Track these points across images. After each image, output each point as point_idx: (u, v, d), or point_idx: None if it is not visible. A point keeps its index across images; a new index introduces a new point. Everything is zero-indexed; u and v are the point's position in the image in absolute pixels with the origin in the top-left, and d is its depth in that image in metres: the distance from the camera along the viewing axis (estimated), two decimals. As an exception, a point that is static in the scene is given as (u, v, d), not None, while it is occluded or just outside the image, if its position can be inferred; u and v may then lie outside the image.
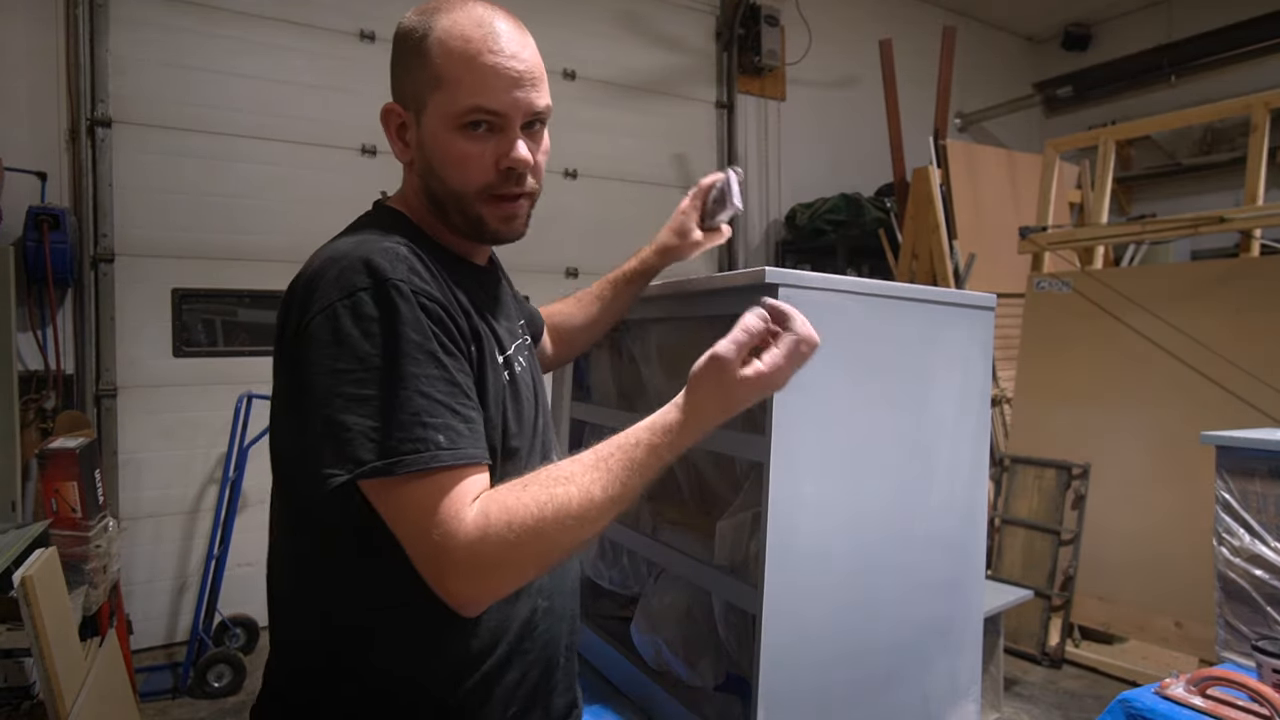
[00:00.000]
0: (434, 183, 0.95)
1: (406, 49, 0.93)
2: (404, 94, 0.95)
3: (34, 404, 3.43)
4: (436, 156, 0.93)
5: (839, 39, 6.12)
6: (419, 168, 0.96)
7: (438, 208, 0.97)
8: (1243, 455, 1.92)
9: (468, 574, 0.77)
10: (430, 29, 0.91)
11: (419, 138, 0.94)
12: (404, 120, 0.95)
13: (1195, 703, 1.45)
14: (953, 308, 1.53)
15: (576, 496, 0.79)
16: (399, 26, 0.95)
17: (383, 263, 0.83)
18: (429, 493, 0.76)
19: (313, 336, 0.81)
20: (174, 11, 3.81)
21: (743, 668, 1.42)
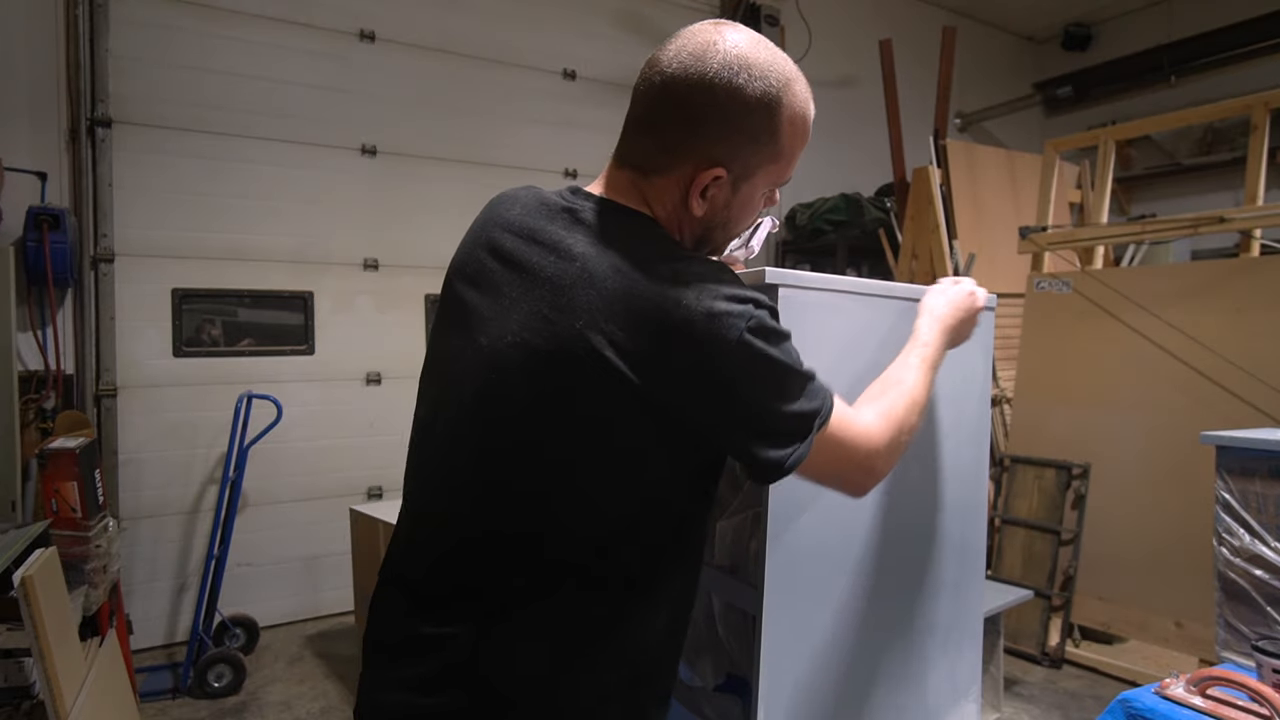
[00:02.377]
0: (718, 234, 1.00)
1: (755, 121, 0.89)
2: (733, 160, 0.91)
3: (34, 404, 3.43)
4: (743, 214, 0.99)
5: (839, 39, 6.11)
6: (711, 220, 0.96)
7: (699, 241, 1.00)
8: (1243, 455, 1.92)
9: (887, 457, 0.99)
10: (782, 103, 0.90)
11: (727, 198, 0.94)
12: (719, 180, 0.92)
13: (1195, 703, 1.45)
14: (953, 308, 1.53)
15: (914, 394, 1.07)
16: (738, 84, 0.87)
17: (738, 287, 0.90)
18: (836, 420, 0.94)
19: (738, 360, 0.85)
20: (174, 11, 3.81)
21: (743, 668, 1.42)
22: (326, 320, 4.24)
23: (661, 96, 0.90)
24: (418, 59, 4.48)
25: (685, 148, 0.90)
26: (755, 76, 0.87)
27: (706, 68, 0.87)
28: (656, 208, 0.95)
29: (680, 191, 0.93)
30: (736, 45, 0.89)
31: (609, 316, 0.83)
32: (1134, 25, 6.83)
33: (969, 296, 1.30)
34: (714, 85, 0.87)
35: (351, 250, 4.31)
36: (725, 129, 0.88)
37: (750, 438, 0.88)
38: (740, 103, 0.87)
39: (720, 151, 0.90)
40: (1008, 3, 6.96)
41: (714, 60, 0.87)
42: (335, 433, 4.24)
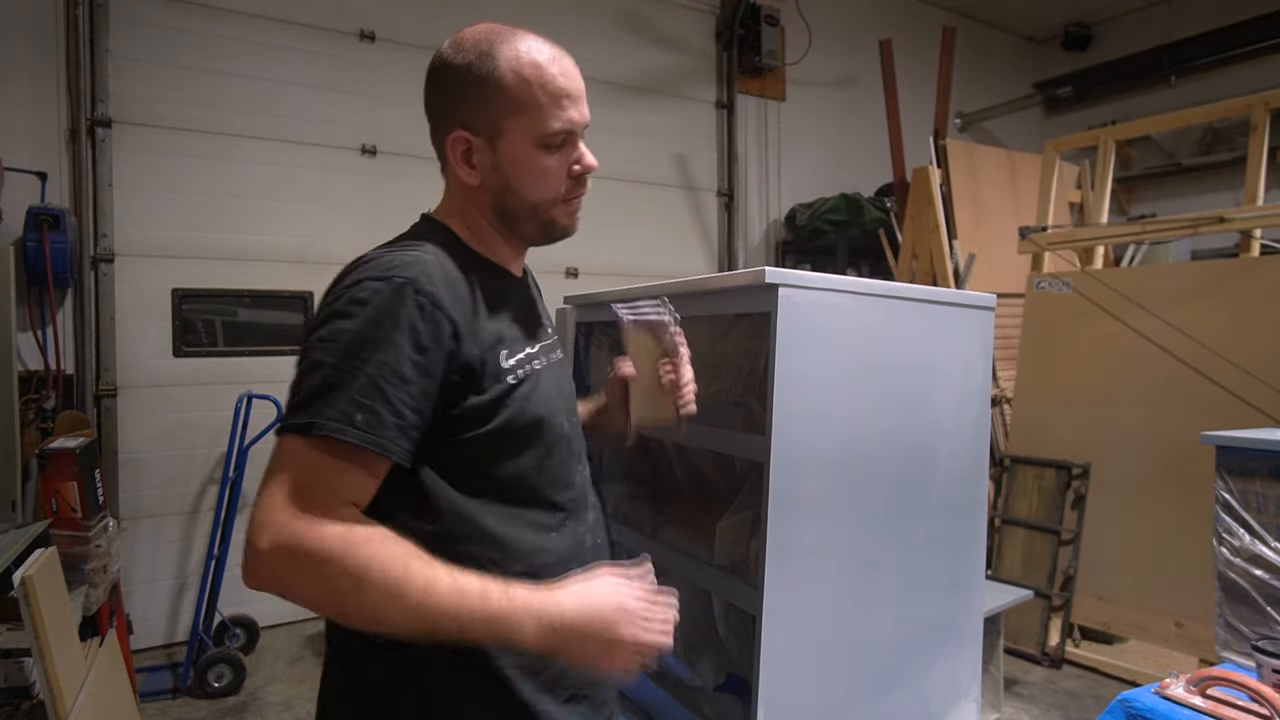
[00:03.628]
0: (511, 199, 1.03)
1: (472, 80, 0.98)
2: (474, 122, 1.00)
3: (34, 404, 3.43)
4: (518, 175, 1.01)
5: (839, 39, 6.11)
6: (492, 187, 1.02)
7: (507, 220, 1.05)
8: (1243, 455, 1.91)
9: (281, 562, 0.79)
10: (496, 59, 0.98)
11: (494, 161, 1.01)
12: (472, 146, 1.00)
13: (1195, 703, 1.45)
14: (953, 308, 1.53)
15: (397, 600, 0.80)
16: (449, 59, 1.00)
17: (397, 262, 0.92)
18: (317, 459, 0.82)
19: (318, 313, 0.92)
20: (174, 11, 3.81)
21: (743, 668, 1.42)
22: (326, 320, 4.23)
23: (426, 101, 1.05)
24: (418, 59, 4.44)
25: (439, 129, 1.03)
26: (464, 45, 1.00)
27: (436, 65, 1.02)
28: (454, 197, 1.06)
29: (452, 173, 1.04)
30: (464, 33, 1.03)
31: None
32: (1134, 25, 6.83)
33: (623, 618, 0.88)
34: (438, 66, 1.02)
35: (351, 250, 4.21)
36: (453, 95, 1.00)
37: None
38: (457, 71, 0.99)
39: (458, 117, 1.00)
40: (1008, 3, 6.96)
41: (441, 55, 1.02)
42: (335, 433, 4.23)
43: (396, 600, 0.79)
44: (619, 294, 1.54)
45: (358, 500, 0.85)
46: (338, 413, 0.83)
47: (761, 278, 1.27)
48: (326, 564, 0.79)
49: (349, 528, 0.81)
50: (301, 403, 0.84)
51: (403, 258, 0.93)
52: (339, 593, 0.80)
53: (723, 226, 5.74)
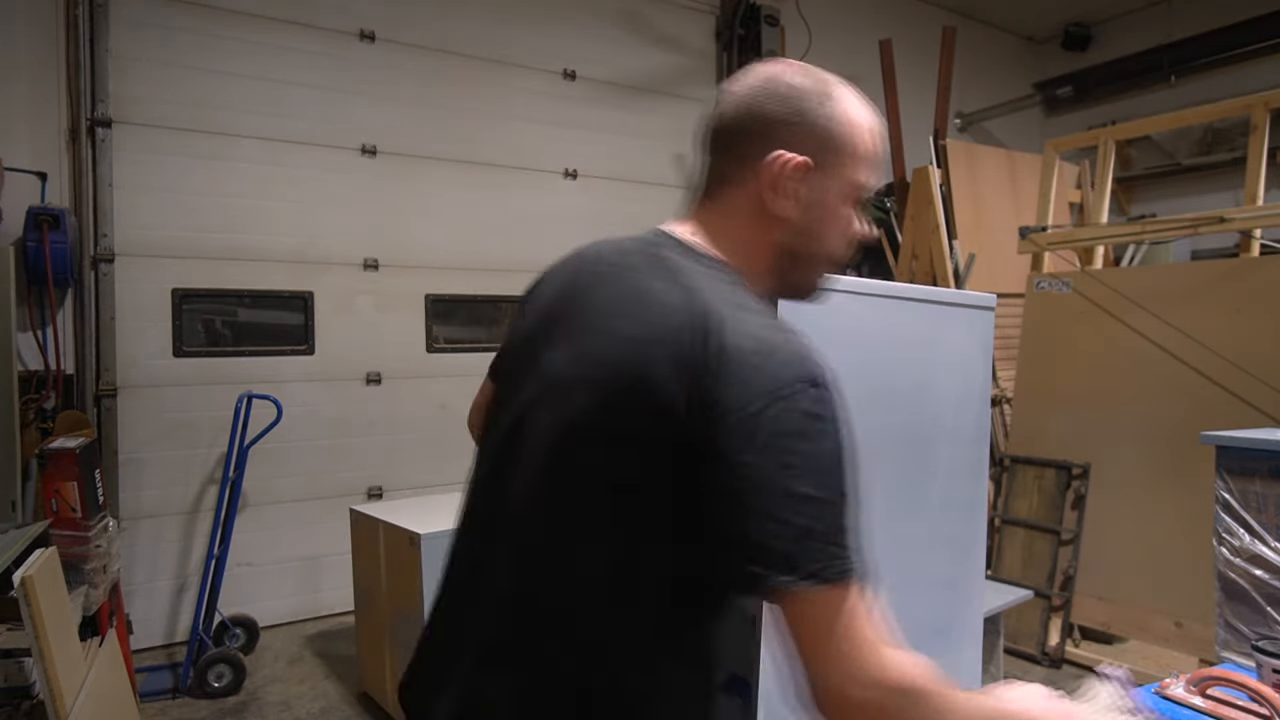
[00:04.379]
0: (808, 243, 0.95)
1: (821, 111, 0.92)
2: (808, 149, 0.91)
3: (34, 404, 3.43)
4: (825, 221, 0.95)
5: (839, 39, 6.11)
6: (797, 226, 0.93)
7: (789, 266, 0.96)
8: (1243, 455, 1.91)
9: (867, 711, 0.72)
10: (841, 100, 0.95)
11: (810, 199, 0.92)
12: (805, 171, 0.91)
13: (1195, 703, 1.45)
14: (953, 308, 1.53)
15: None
16: (794, 80, 0.93)
17: (803, 353, 0.80)
18: (855, 608, 0.74)
19: (769, 425, 0.74)
20: (174, 11, 3.81)
21: (742, 668, 1.42)
22: (326, 320, 4.24)
23: (734, 114, 0.94)
24: (418, 59, 4.47)
25: (759, 148, 0.91)
26: (815, 77, 0.95)
27: (775, 79, 0.94)
28: (735, 236, 0.94)
29: (753, 200, 0.92)
30: (798, 63, 0.97)
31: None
32: (1134, 25, 6.83)
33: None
34: (772, 86, 0.93)
35: (351, 250, 4.31)
36: (794, 116, 0.91)
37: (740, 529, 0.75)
38: (803, 92, 0.92)
39: (794, 141, 0.91)
40: (1008, 3, 6.96)
41: (781, 73, 0.94)
42: (335, 433, 4.24)
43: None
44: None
45: None
46: (854, 553, 0.76)
47: (761, 278, 1.27)
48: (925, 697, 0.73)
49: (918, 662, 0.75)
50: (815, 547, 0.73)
51: (800, 345, 0.80)
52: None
53: (723, 226, 5.73)
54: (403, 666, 1.04)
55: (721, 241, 0.93)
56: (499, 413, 0.99)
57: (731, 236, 0.93)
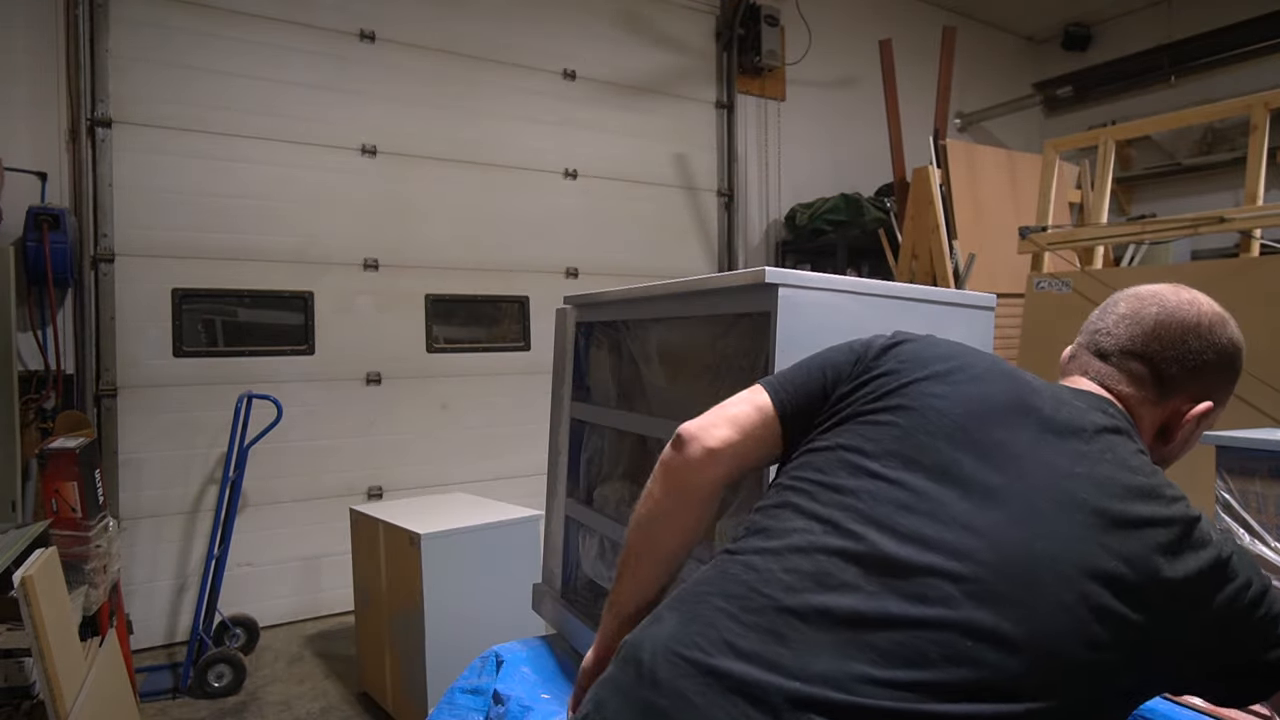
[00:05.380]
0: (1165, 466, 1.03)
1: (1235, 363, 1.04)
2: (1217, 397, 1.03)
3: (34, 404, 3.43)
4: (1187, 449, 1.06)
5: (839, 39, 6.11)
6: (1172, 453, 1.05)
7: None
8: (1243, 455, 1.91)
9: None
10: (1241, 351, 1.05)
11: (1192, 434, 1.03)
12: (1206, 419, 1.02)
13: (1195, 703, 1.45)
14: (953, 308, 1.53)
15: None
16: (1237, 340, 1.04)
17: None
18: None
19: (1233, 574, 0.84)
20: (174, 11, 3.81)
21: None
22: (326, 320, 4.24)
23: (1156, 330, 1.02)
24: (418, 59, 4.48)
25: (1180, 383, 1.00)
26: (1232, 329, 1.04)
27: (1200, 316, 1.02)
28: (1148, 433, 1.02)
29: (1159, 420, 1.01)
30: (1213, 303, 1.06)
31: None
32: (1134, 25, 6.83)
33: None
34: (1211, 333, 1.01)
35: (351, 250, 4.31)
36: (1224, 371, 1.02)
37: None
38: (1232, 348, 1.02)
39: (1214, 389, 1.02)
40: (1008, 3, 6.96)
41: (1205, 310, 1.03)
42: (335, 433, 4.24)
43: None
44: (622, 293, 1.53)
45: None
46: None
47: (761, 277, 1.27)
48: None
49: None
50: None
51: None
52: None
53: (723, 226, 5.74)
54: (403, 666, 1.04)
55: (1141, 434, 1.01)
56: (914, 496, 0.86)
57: (1146, 436, 1.01)
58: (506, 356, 4.79)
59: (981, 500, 0.83)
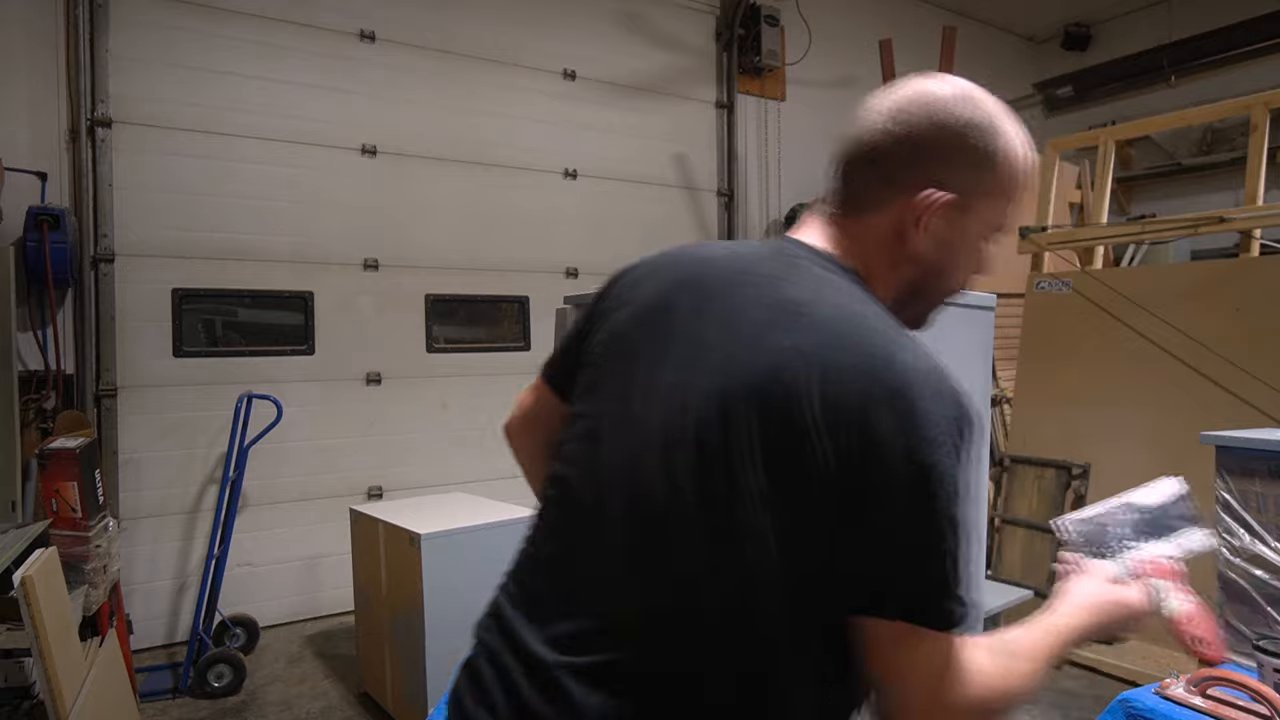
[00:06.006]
0: (935, 279, 0.92)
1: (975, 145, 0.87)
2: (952, 186, 0.87)
3: (34, 404, 3.43)
4: (957, 258, 0.92)
5: (839, 39, 6.11)
6: (926, 259, 0.89)
7: (908, 298, 0.93)
8: (1243, 455, 1.91)
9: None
10: (1001, 134, 0.89)
11: (947, 235, 0.88)
12: (939, 211, 0.87)
13: (1195, 703, 1.45)
14: (953, 308, 1.53)
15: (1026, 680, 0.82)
16: (958, 113, 0.88)
17: (949, 381, 0.78)
18: (951, 651, 0.76)
19: (928, 470, 0.73)
20: (174, 11, 3.81)
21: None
22: (326, 320, 4.24)
23: (885, 133, 0.89)
24: (418, 59, 4.48)
25: (907, 175, 0.88)
26: (978, 104, 0.90)
27: (935, 97, 0.89)
28: (865, 257, 0.91)
29: (893, 228, 0.88)
30: (949, 79, 0.92)
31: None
32: (1134, 25, 6.83)
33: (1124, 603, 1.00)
34: (931, 107, 0.88)
35: (351, 250, 4.31)
36: (945, 150, 0.87)
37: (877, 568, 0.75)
38: (961, 122, 0.87)
39: (939, 175, 0.87)
40: (1008, 3, 6.96)
41: (942, 91, 0.89)
42: (335, 433, 4.24)
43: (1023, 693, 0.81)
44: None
45: None
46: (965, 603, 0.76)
47: (761, 278, 1.27)
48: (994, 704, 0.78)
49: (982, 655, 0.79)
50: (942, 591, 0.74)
51: (946, 373, 0.79)
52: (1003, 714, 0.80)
53: (723, 226, 5.74)
54: (403, 666, 1.04)
55: (861, 261, 0.90)
56: (590, 422, 0.91)
57: (860, 260, 0.90)
58: (506, 356, 4.79)
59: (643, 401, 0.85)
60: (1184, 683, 1.50)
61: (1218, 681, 1.44)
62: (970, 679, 0.76)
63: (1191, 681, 1.49)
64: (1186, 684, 1.50)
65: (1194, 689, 1.47)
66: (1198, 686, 1.47)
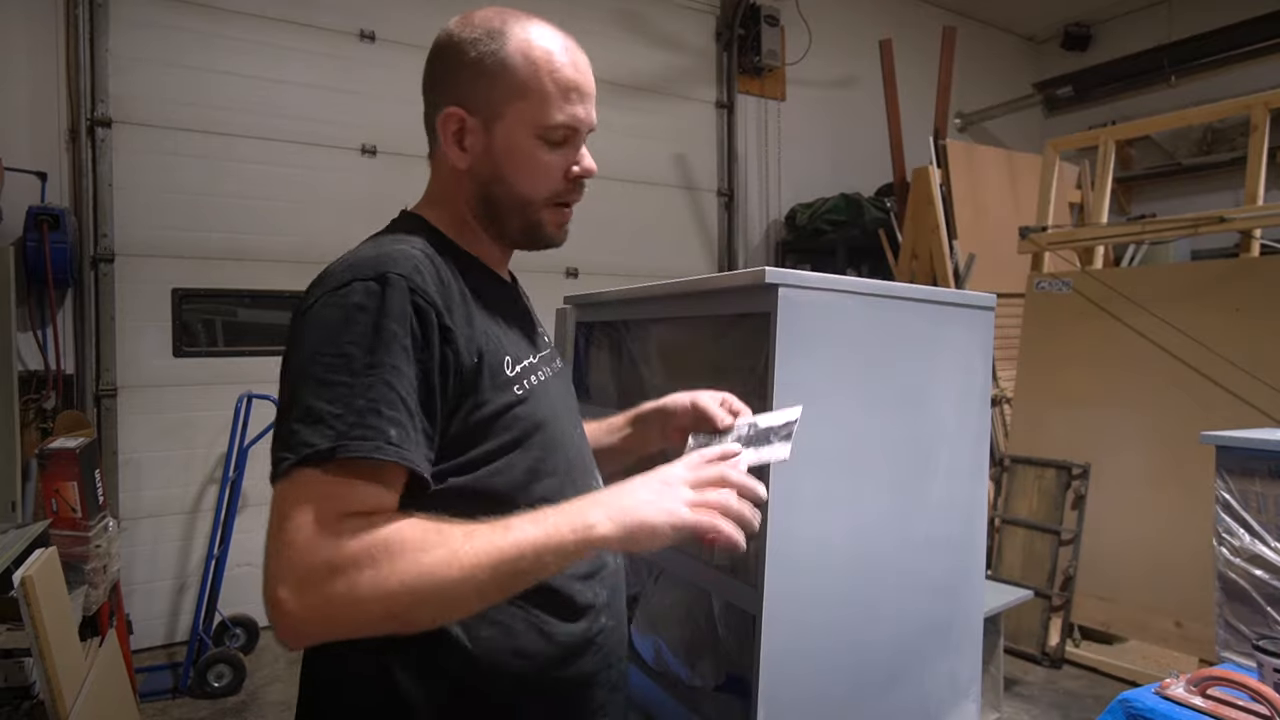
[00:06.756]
0: (499, 189, 0.96)
1: (476, 56, 0.92)
2: (471, 100, 0.93)
3: (34, 404, 3.43)
4: (511, 164, 0.95)
5: (839, 39, 6.12)
6: (481, 174, 0.96)
7: (491, 214, 0.98)
8: (1243, 455, 1.91)
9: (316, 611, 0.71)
10: (506, 39, 0.93)
11: (487, 144, 0.94)
12: (465, 125, 0.94)
13: (1195, 703, 1.45)
14: (953, 308, 1.53)
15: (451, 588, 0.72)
16: (455, 33, 0.95)
17: (387, 259, 0.84)
18: (337, 484, 0.73)
19: (303, 323, 0.83)
20: (174, 11, 3.81)
21: (743, 668, 1.42)
22: (326, 320, 4.23)
23: (423, 73, 0.99)
24: (418, 59, 4.41)
25: (431, 107, 0.97)
26: (475, 22, 0.95)
27: (443, 35, 0.97)
28: (439, 187, 1.00)
29: (441, 154, 0.97)
30: (477, 11, 0.96)
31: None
32: (1134, 25, 6.83)
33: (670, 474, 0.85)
34: (441, 41, 0.96)
35: (351, 250, 4.30)
36: (454, 70, 0.94)
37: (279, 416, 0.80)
38: (460, 43, 0.94)
39: (455, 93, 0.94)
40: (1008, 3, 6.96)
41: (449, 26, 0.96)
42: (335, 433, 4.23)
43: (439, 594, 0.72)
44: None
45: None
46: (366, 430, 0.73)
47: (761, 278, 1.27)
48: (361, 575, 0.70)
49: (368, 532, 0.72)
50: (312, 426, 0.74)
51: (390, 252, 0.84)
52: (391, 597, 0.70)
53: (723, 226, 5.74)
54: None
55: (433, 197, 1.01)
56: None
57: (438, 190, 1.01)
58: (506, 356, 4.78)
59: None
60: (1184, 683, 1.50)
61: (1217, 681, 1.44)
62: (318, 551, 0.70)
63: (1191, 681, 1.49)
64: (1186, 684, 1.50)
65: (1194, 689, 1.47)
66: (1198, 686, 1.47)
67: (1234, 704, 1.42)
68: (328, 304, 0.81)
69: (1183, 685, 1.50)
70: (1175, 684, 1.51)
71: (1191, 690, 1.48)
